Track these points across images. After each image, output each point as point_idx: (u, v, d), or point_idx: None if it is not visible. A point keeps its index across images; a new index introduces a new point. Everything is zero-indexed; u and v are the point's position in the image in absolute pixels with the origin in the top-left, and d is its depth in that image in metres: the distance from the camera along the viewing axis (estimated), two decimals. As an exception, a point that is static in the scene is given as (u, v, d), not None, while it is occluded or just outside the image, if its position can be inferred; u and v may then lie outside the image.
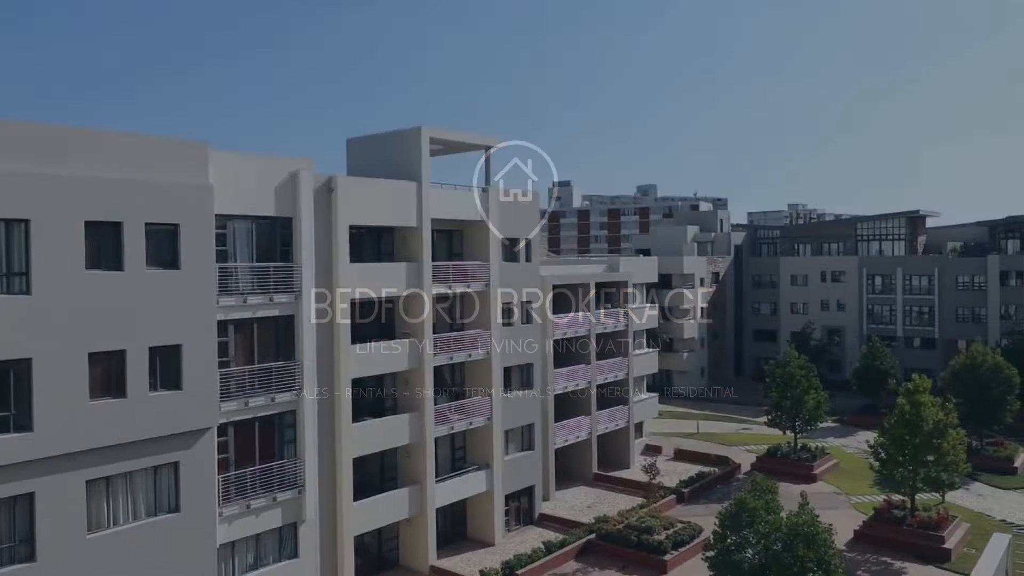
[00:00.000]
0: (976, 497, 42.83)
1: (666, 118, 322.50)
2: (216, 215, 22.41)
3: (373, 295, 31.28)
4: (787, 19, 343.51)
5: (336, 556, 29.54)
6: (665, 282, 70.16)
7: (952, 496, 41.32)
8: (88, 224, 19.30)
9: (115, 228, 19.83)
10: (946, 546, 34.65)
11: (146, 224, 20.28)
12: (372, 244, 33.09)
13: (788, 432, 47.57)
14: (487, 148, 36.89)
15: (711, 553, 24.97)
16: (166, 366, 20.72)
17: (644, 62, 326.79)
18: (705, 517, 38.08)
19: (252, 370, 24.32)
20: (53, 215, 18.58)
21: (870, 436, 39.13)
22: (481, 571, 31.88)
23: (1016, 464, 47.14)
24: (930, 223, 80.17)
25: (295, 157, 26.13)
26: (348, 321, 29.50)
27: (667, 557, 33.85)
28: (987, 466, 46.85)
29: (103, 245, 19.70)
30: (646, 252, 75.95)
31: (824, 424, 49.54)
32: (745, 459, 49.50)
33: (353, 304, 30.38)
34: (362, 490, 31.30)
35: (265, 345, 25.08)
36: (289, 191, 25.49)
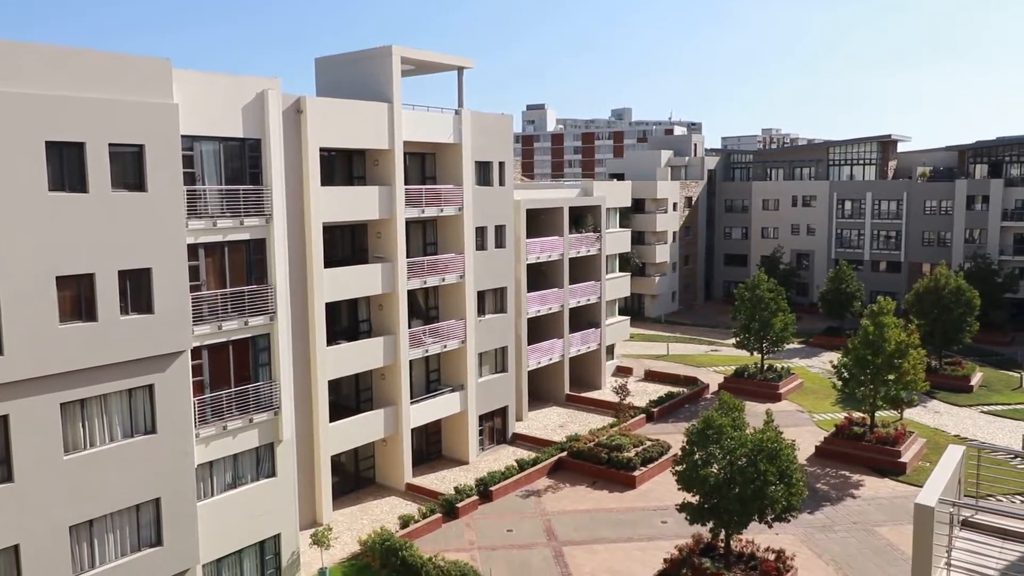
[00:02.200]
0: (933, 414, 44.53)
1: (642, 40, 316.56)
2: (182, 136, 21.85)
3: (345, 219, 31.05)
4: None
5: (313, 475, 30.18)
6: (638, 206, 70.32)
7: (910, 413, 42.95)
8: (49, 144, 18.77)
9: (78, 149, 19.30)
10: (902, 460, 36.23)
11: (110, 145, 19.74)
12: (343, 167, 32.66)
13: (755, 353, 48.71)
14: (460, 69, 36.13)
15: (679, 468, 25.84)
16: (136, 290, 20.54)
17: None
18: (673, 435, 39.30)
19: (224, 294, 24.21)
20: (12, 134, 18.02)
21: (834, 357, 40.29)
22: (456, 488, 32.79)
23: (972, 383, 48.90)
24: (902, 148, 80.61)
25: (262, 76, 25.40)
26: (320, 245, 29.34)
27: (636, 473, 35.01)
28: (945, 385, 48.56)
29: (66, 166, 19.21)
30: (620, 176, 75.81)
31: (790, 345, 50.77)
32: (713, 380, 50.79)
33: (325, 228, 30.17)
34: (338, 411, 31.79)
35: (237, 269, 24.91)
36: (257, 112, 24.90)
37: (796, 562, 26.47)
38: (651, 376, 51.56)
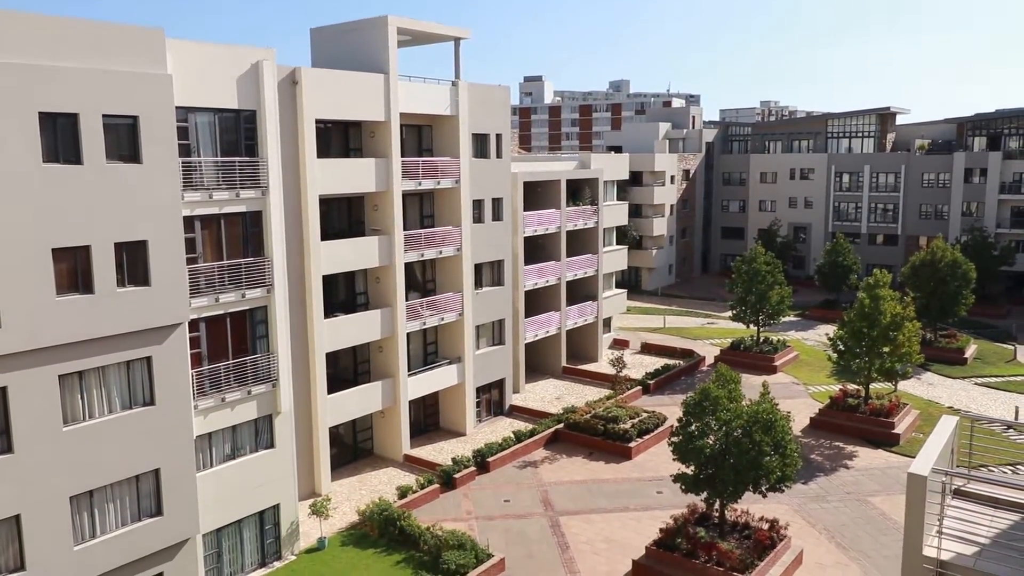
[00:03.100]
0: (927, 386, 44.84)
1: (641, 12, 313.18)
2: (176, 107, 21.69)
3: (342, 191, 30.95)
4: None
5: (312, 446, 30.39)
6: (636, 179, 70.11)
7: (904, 385, 43.25)
8: (42, 115, 18.61)
9: (71, 120, 19.15)
10: (896, 431, 36.55)
11: (104, 116, 19.58)
12: (340, 139, 32.47)
13: (751, 326, 48.88)
14: (457, 40, 35.80)
15: (675, 439, 26.04)
16: (133, 262, 20.50)
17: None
18: (669, 407, 39.57)
19: (221, 266, 24.18)
20: (4, 104, 17.85)
21: (830, 329, 40.48)
22: (453, 459, 33.04)
23: (966, 355, 49.18)
24: (901, 120, 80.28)
25: (256, 47, 25.14)
26: (317, 217, 29.27)
27: (632, 444, 35.29)
28: (939, 357, 48.85)
29: (60, 138, 19.07)
30: (617, 149, 75.44)
31: (786, 318, 50.94)
32: (709, 352, 51.01)
33: (322, 200, 30.07)
34: (336, 383, 31.93)
35: (234, 241, 24.85)
36: (252, 83, 24.68)
37: (789, 531, 26.80)
38: (647, 349, 51.77)
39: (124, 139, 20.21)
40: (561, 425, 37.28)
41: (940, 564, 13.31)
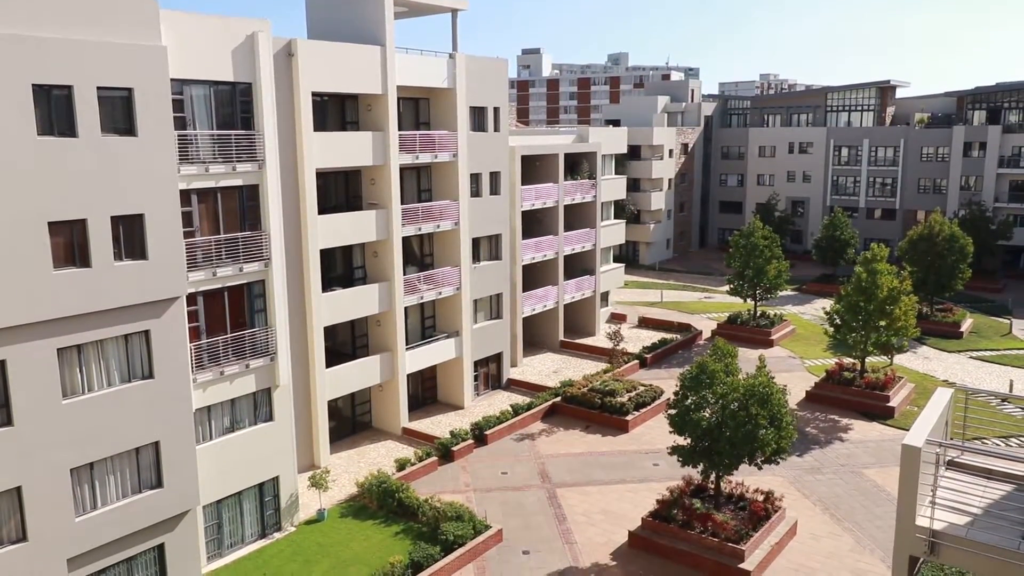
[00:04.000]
0: (922, 360, 45.07)
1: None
2: (172, 80, 21.50)
3: (339, 165, 30.81)
4: None
5: (311, 419, 30.56)
6: (634, 153, 69.82)
7: (900, 359, 43.47)
8: (36, 88, 18.45)
9: (66, 92, 18.99)
10: (890, 404, 36.80)
11: (98, 88, 19.42)
12: (336, 113, 32.27)
13: (749, 300, 48.98)
14: (454, 11, 35.45)
15: (671, 412, 26.20)
16: (129, 236, 20.43)
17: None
18: (666, 381, 39.77)
19: (219, 240, 24.13)
20: (-2, 77, 17.71)
21: (827, 304, 40.61)
22: (451, 432, 33.26)
23: (962, 329, 49.38)
24: (900, 94, 79.84)
25: (251, 18, 24.88)
26: (314, 191, 29.17)
27: (629, 417, 35.52)
28: (935, 331, 49.06)
29: (54, 110, 18.93)
30: (616, 123, 75.05)
31: (783, 293, 51.05)
32: (706, 326, 51.17)
33: (319, 174, 29.95)
34: (335, 357, 32.03)
35: (230, 215, 24.77)
36: (247, 55, 24.45)
37: (784, 503, 27.09)
38: (645, 323, 51.92)
39: (119, 112, 20.06)
40: (558, 398, 37.49)
41: (933, 534, 13.49)
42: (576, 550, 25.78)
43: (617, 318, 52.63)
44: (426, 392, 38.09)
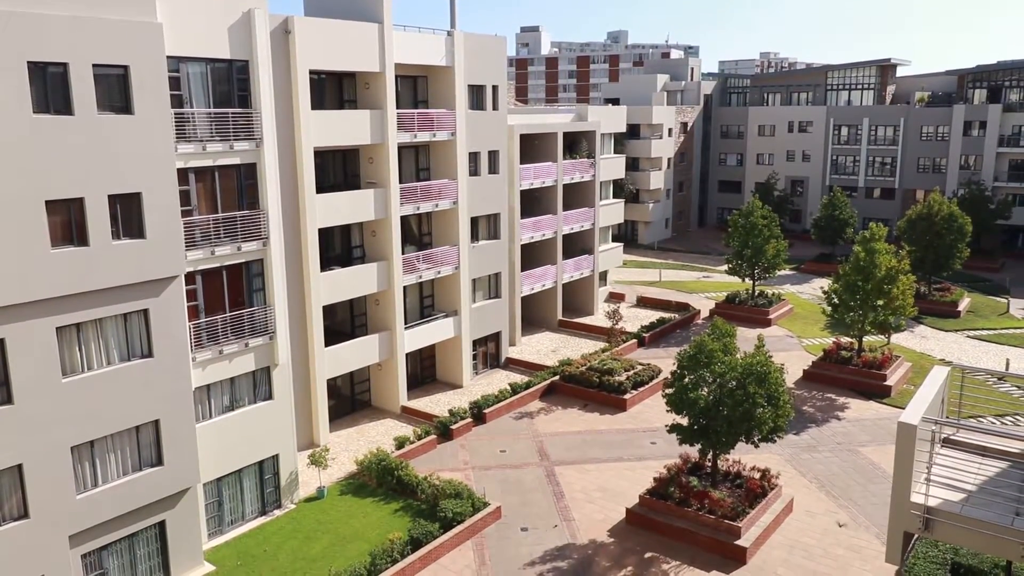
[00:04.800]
0: (919, 339, 45.22)
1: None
2: (168, 57, 21.34)
3: (336, 143, 30.68)
4: None
5: (310, 398, 30.69)
6: (633, 132, 69.53)
7: (897, 338, 43.65)
8: (32, 65, 18.32)
9: (61, 70, 18.86)
10: (887, 383, 36.98)
11: (94, 66, 19.28)
12: (334, 91, 32.09)
13: (747, 280, 49.04)
14: (451, -13, 35.13)
15: (669, 391, 26.31)
16: (127, 214, 20.37)
17: None
18: (664, 360, 39.90)
19: (217, 219, 24.08)
20: (-8, 55, 17.57)
21: (825, 283, 40.63)
22: (450, 411, 33.41)
23: (960, 308, 49.51)
24: (901, 72, 79.38)
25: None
26: (312, 170, 29.07)
27: (626, 396, 35.68)
28: (933, 310, 49.18)
29: (50, 88, 18.80)
30: (615, 101, 74.65)
31: (782, 272, 51.10)
32: (705, 306, 51.27)
33: (317, 153, 29.84)
34: (333, 336, 32.09)
35: (228, 194, 24.70)
36: (243, 32, 24.25)
37: (780, 480, 27.29)
38: (643, 302, 52.01)
39: (115, 89, 19.93)
40: (557, 377, 37.62)
41: (927, 510, 13.62)
42: (574, 527, 26.01)
43: (615, 297, 52.70)
44: (425, 371, 38.22)
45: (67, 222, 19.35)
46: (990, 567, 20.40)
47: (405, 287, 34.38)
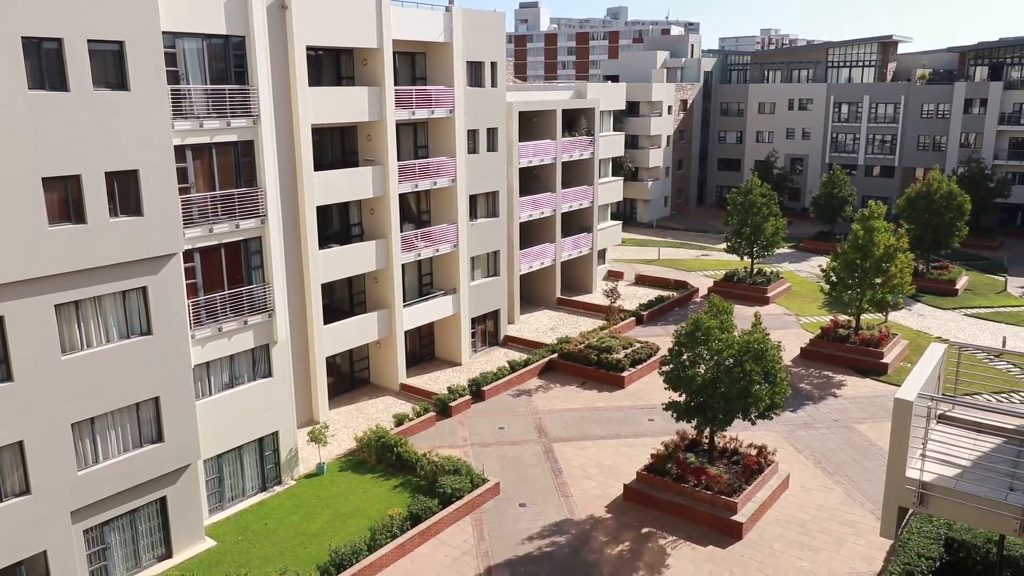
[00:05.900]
0: (917, 317, 45.33)
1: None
2: (163, 33, 21.18)
3: (334, 120, 30.52)
4: None
5: (309, 375, 30.78)
6: (633, 110, 69.21)
7: (895, 316, 43.75)
8: (26, 41, 18.17)
9: (55, 45, 18.71)
10: (884, 361, 37.12)
11: (89, 41, 19.14)
12: (331, 68, 31.87)
13: (746, 258, 49.04)
14: (449, -38, 34.77)
15: (667, 368, 26.40)
16: (124, 192, 20.32)
17: None
18: (662, 338, 40.00)
19: (214, 196, 24.02)
20: (-13, 30, 17.42)
21: (823, 261, 40.61)
22: (449, 388, 33.54)
23: (957, 287, 49.58)
24: (903, 49, 78.88)
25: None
26: (310, 147, 28.94)
27: (624, 374, 35.81)
28: (931, 288, 49.26)
29: (45, 64, 18.66)
30: (614, 78, 74.16)
31: (781, 250, 51.09)
32: (703, 284, 51.31)
33: (314, 130, 29.69)
34: (332, 314, 32.13)
35: (226, 171, 24.62)
36: (240, 7, 24.04)
37: (777, 457, 27.50)
38: (642, 280, 52.05)
39: (111, 65, 19.79)
40: (555, 355, 37.73)
41: (922, 485, 13.74)
42: (572, 503, 26.22)
43: (614, 275, 52.73)
44: (424, 349, 38.31)
45: (64, 199, 19.30)
46: (983, 542, 20.64)
47: (404, 265, 34.37)
